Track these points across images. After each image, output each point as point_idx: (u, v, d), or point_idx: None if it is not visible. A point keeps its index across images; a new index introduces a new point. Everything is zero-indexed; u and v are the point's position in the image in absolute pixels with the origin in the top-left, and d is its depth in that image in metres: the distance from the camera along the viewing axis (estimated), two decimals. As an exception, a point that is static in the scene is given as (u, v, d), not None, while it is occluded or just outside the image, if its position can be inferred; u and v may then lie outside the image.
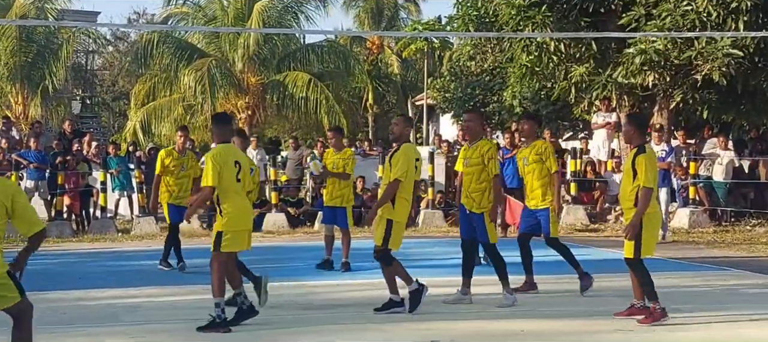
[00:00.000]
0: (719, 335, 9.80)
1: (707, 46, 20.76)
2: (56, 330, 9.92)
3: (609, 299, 11.32)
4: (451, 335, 9.81)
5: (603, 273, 13.47)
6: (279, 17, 38.27)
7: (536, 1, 22.43)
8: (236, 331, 9.87)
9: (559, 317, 10.79)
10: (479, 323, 10.49)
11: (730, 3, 20.43)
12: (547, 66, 23.80)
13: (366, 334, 9.84)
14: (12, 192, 6.92)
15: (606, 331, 9.99)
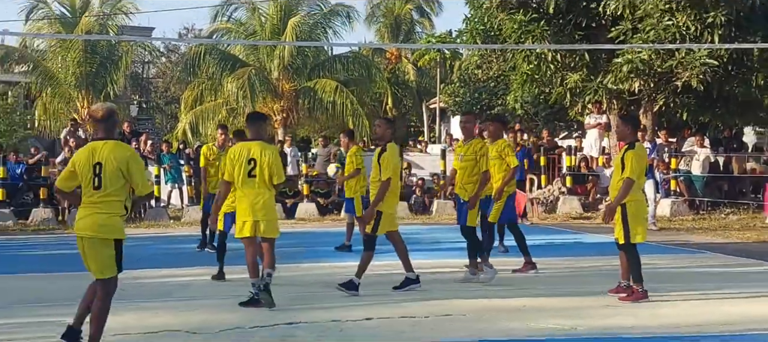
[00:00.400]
0: (697, 310, 9.76)
1: (686, 56, 20.72)
2: (117, 305, 9.90)
3: (599, 279, 11.26)
4: (461, 309, 9.80)
5: (594, 255, 13.45)
6: (310, 31, 38.35)
7: (535, 17, 22.44)
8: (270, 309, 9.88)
9: (556, 295, 10.76)
10: (484, 301, 10.45)
11: (706, 18, 20.37)
12: (545, 74, 23.81)
13: (383, 309, 9.83)
14: (127, 157, 7.30)
15: (597, 307, 9.95)
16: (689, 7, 20.45)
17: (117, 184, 7.20)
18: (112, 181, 7.17)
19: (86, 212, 7.28)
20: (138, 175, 7.33)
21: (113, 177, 7.17)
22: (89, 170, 7.21)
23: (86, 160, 7.27)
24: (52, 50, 40.38)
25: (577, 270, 13.20)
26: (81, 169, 7.25)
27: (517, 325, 9.09)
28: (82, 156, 7.36)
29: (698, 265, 14.10)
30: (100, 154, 7.23)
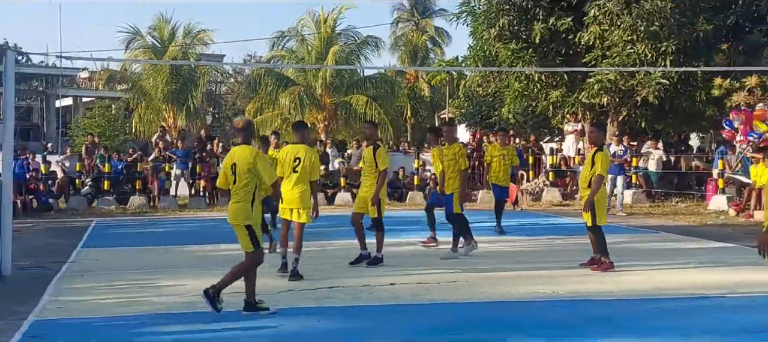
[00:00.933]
0: (654, 278, 9.75)
1: (644, 77, 20.68)
2: (198, 271, 10.00)
3: (574, 254, 11.20)
4: (465, 278, 9.80)
5: (570, 235, 13.39)
6: (346, 57, 38.45)
7: (524, 46, 22.45)
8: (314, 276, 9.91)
9: (540, 267, 10.73)
10: (482, 272, 10.44)
11: (660, 47, 20.33)
12: (532, 91, 23.82)
13: (403, 278, 9.83)
14: (254, 155, 7.60)
15: (573, 276, 9.93)
16: (646, 38, 20.36)
17: (246, 179, 7.48)
18: (241, 177, 7.48)
19: (230, 202, 7.72)
20: (263, 171, 7.56)
21: (242, 173, 7.47)
22: (229, 169, 7.61)
23: (227, 162, 7.73)
24: (145, 73, 40.78)
25: (556, 246, 13.15)
26: (225, 169, 7.71)
27: (510, 289, 9.11)
28: (226, 159, 7.89)
29: (654, 242, 14.03)
30: (235, 156, 7.63)
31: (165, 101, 40.11)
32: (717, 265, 11.03)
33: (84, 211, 21.00)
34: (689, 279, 9.80)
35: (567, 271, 10.31)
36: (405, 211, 20.62)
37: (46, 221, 18.66)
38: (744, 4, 21.06)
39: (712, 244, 13.51)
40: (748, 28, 21.35)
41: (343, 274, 10.03)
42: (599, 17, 20.88)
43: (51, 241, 14.41)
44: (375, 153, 10.85)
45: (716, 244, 13.53)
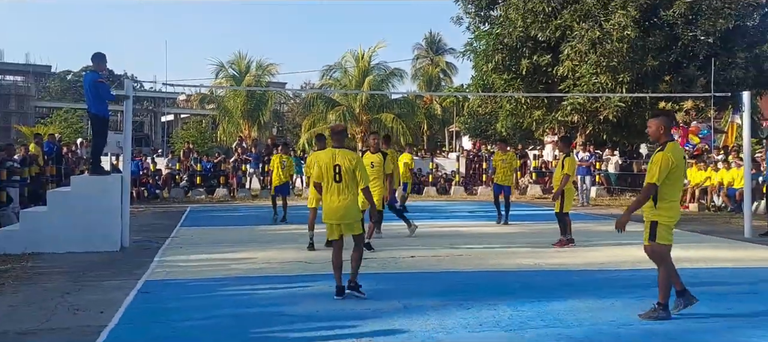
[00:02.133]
0: (615, 254, 9.64)
1: (606, 101, 20.50)
2: (261, 247, 10.00)
3: (550, 236, 11.13)
4: (468, 253, 9.77)
5: (549, 221, 13.30)
6: (378, 84, 38.48)
7: (514, 77, 22.44)
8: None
9: (523, 246, 10.70)
10: (479, 249, 10.40)
11: (618, 78, 20.15)
12: (520, 110, 23.71)
13: (421, 252, 9.83)
14: (356, 159, 6.68)
15: (550, 252, 9.89)
16: (607, 71, 20.17)
17: (349, 178, 6.59)
18: (346, 176, 6.57)
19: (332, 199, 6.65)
20: (362, 172, 6.69)
21: (347, 174, 6.56)
22: (331, 169, 6.60)
23: (328, 161, 6.64)
24: (227, 96, 41.17)
25: (537, 230, 13.03)
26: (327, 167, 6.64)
27: (502, 261, 9.08)
28: (325, 159, 6.67)
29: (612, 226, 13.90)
30: (337, 157, 6.61)
31: (242, 117, 40.52)
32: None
33: (181, 200, 21.22)
34: (638, 255, 9.68)
35: (545, 248, 10.26)
36: (422, 202, 20.62)
37: (153, 207, 18.89)
38: (682, 46, 20.81)
39: (657, 229, 13.39)
40: (685, 64, 21.08)
41: (376, 250, 10.02)
42: (571, 55, 20.71)
43: (157, 222, 14.59)
44: (385, 157, 10.52)
45: (660, 229, 13.40)
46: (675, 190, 5.93)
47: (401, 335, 5.37)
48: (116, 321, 5.85)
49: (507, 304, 6.44)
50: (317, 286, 7.34)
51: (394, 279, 7.87)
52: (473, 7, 24.28)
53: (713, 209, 17.51)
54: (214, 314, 6.08)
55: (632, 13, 19.83)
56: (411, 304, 6.47)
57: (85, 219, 9.91)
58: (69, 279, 7.80)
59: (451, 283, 7.59)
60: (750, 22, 21.22)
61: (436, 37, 53.15)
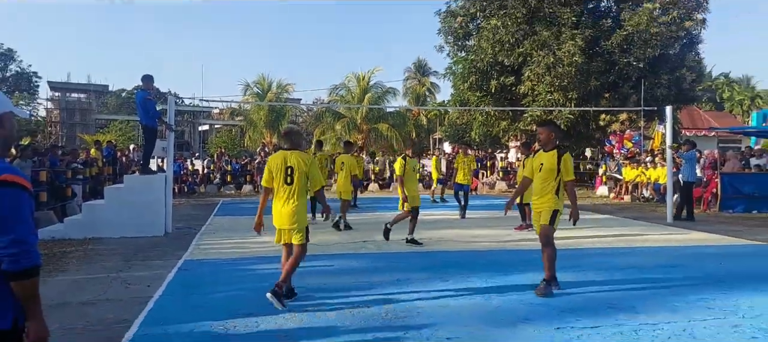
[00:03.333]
0: (563, 236, 9.60)
1: (558, 113, 20.49)
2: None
3: (513, 221, 11.12)
4: (449, 236, 9.74)
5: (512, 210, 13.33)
6: (376, 100, 38.37)
7: (485, 94, 22.40)
8: (354, 235, 9.83)
9: (490, 230, 10.67)
10: (455, 231, 10.34)
11: (568, 95, 20.15)
12: (490, 121, 23.69)
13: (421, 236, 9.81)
14: (309, 161, 5.26)
15: (512, 235, 9.88)
16: (559, 90, 20.19)
17: (301, 182, 5.23)
18: (298, 178, 5.22)
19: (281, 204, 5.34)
20: (316, 174, 5.31)
21: (299, 176, 5.21)
22: (282, 171, 5.24)
23: (280, 164, 5.27)
24: (253, 109, 40.96)
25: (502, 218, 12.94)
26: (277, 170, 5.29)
27: (474, 243, 9.03)
28: (277, 160, 5.30)
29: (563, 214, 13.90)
30: (290, 159, 5.27)
31: (265, 127, 40.39)
32: (601, 227, 10.92)
33: (215, 194, 21.13)
34: (584, 236, 9.72)
35: (508, 231, 10.26)
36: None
37: (192, 200, 18.80)
38: (618, 70, 20.86)
39: (598, 216, 13.38)
40: (621, 84, 21.13)
41: (372, 235, 10.02)
42: (531, 76, 20.72)
43: (195, 212, 14.53)
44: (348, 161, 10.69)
45: (601, 216, 13.41)
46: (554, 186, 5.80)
47: (393, 302, 5.35)
48: (160, 293, 5.81)
49: (478, 277, 6.43)
50: (324, 264, 7.31)
51: (388, 258, 7.84)
52: (452, 38, 24.31)
53: (643, 200, 17.57)
54: (240, 287, 6.05)
55: (579, 43, 19.89)
56: (401, 277, 6.45)
57: (136, 210, 9.88)
58: (122, 259, 7.75)
59: (434, 261, 7.56)
60: (672, 51, 21.34)
61: (423, 62, 53.08)
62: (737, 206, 14.00)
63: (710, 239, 9.60)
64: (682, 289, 5.87)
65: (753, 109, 40.90)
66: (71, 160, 14.14)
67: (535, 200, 5.96)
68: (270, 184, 5.30)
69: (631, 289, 5.87)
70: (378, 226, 10.85)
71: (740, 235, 9.99)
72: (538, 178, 5.89)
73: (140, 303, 5.40)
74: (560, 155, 5.78)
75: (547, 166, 5.84)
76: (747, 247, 8.77)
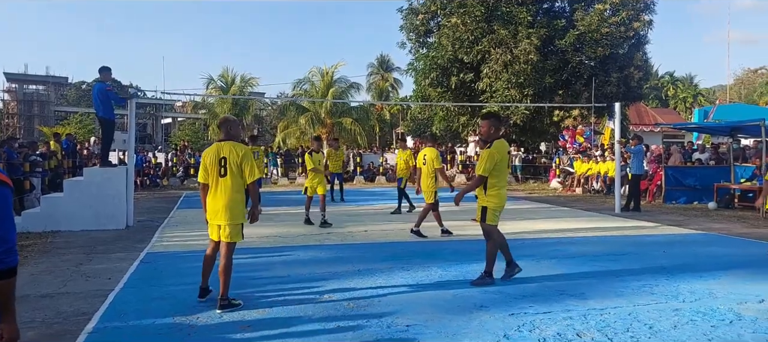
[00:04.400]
0: (518, 227, 9.79)
1: (515, 109, 20.85)
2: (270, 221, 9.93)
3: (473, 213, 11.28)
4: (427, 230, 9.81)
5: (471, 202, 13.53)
6: (340, 94, 38.15)
7: (445, 90, 22.61)
8: (318, 228, 9.77)
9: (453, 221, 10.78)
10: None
11: (524, 92, 20.54)
12: (450, 116, 23.92)
13: (371, 227, 9.79)
14: (243, 152, 4.75)
15: (472, 226, 9.99)
16: (516, 87, 20.57)
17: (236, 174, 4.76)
18: (232, 170, 4.74)
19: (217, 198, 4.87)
20: (250, 166, 4.78)
21: (233, 167, 4.74)
22: (216, 163, 4.77)
23: (214, 156, 4.80)
24: (216, 103, 40.14)
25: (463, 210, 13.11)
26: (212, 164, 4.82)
27: (435, 233, 9.05)
28: (210, 153, 4.85)
29: (519, 206, 14.15)
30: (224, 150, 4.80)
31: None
32: (554, 218, 11.18)
33: (178, 187, 20.64)
34: (538, 227, 9.93)
35: (468, 222, 10.38)
36: (373, 188, 20.62)
37: (154, 193, 18.33)
38: (572, 68, 21.38)
39: (551, 207, 13.70)
40: (574, 82, 21.67)
41: (336, 226, 9.98)
42: (489, 74, 21.03)
43: (157, 205, 14.17)
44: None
45: (553, 207, 13.72)
46: (500, 180, 5.52)
47: (355, 291, 5.36)
48: (121, 285, 5.66)
49: (438, 266, 6.50)
50: (289, 255, 7.25)
51: (352, 248, 7.84)
52: (414, 35, 24.39)
53: (593, 192, 18.08)
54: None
55: (535, 42, 20.28)
56: (364, 267, 6.46)
57: (96, 203, 9.60)
58: (82, 252, 7.50)
59: (396, 251, 7.60)
60: (621, 51, 21.96)
61: (386, 58, 53.07)
62: (680, 198, 14.56)
63: (655, 229, 9.97)
64: (628, 276, 6.08)
65: (695, 106, 42.59)
66: (29, 153, 13.56)
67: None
68: (206, 179, 4.82)
69: (581, 277, 6.04)
70: (339, 217, 10.81)
71: (682, 225, 10.41)
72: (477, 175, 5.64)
73: (100, 296, 5.24)
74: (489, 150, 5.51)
75: (479, 162, 5.66)
76: (688, 236, 9.14)
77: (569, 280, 5.86)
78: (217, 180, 4.78)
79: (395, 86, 52.61)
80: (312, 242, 8.29)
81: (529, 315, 4.64)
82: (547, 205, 14.25)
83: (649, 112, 36.48)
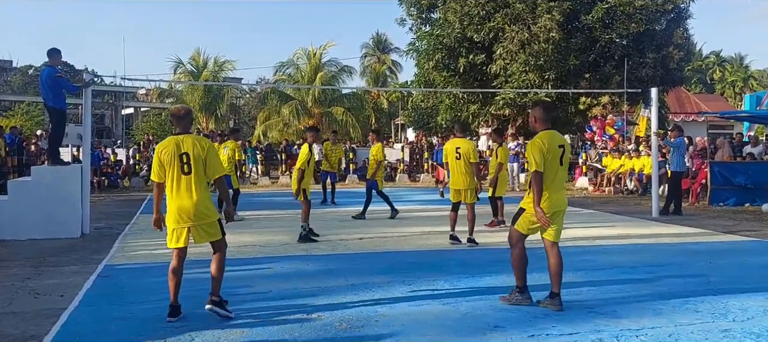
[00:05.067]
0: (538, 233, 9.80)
1: (533, 95, 20.83)
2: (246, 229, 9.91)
3: (485, 217, 11.27)
4: (412, 231, 9.79)
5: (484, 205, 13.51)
6: (329, 80, 38.16)
7: (452, 74, 22.63)
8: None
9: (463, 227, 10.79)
10: (418, 229, 10.42)
11: (544, 76, 20.57)
12: (458, 105, 23.93)
13: (367, 234, 9.79)
14: (207, 147, 4.99)
15: (484, 232, 10.00)
16: (535, 70, 20.58)
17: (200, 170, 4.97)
18: (196, 166, 4.95)
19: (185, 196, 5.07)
20: (214, 162, 5.06)
21: (197, 163, 4.95)
22: (176, 159, 4.95)
23: (172, 151, 4.97)
24: (186, 90, 40.22)
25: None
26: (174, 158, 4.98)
27: (440, 241, 9.06)
28: (167, 148, 5.01)
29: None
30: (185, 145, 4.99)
31: (200, 111, 39.67)
32: (580, 224, 11.20)
33: (141, 189, 20.63)
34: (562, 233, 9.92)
35: (478, 229, 10.36)
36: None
37: (114, 195, 18.32)
38: (600, 47, 21.38)
39: (578, 210, 13.69)
40: (603, 64, 21.67)
41: (325, 232, 9.95)
42: (503, 55, 21.02)
43: (118, 210, 14.16)
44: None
45: (580, 210, 13.73)
46: (546, 180, 5.26)
47: (349, 310, 5.36)
48: (76, 304, 5.64)
49: (445, 280, 6.50)
50: (271, 268, 7.25)
51: (343, 259, 7.84)
52: (415, 10, 24.35)
53: (626, 193, 18.11)
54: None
55: (557, 17, 20.27)
56: (358, 281, 6.45)
57: (46, 207, 9.58)
58: (30, 265, 7.49)
59: (395, 262, 7.60)
60: (658, 27, 21.95)
61: (383, 37, 53.13)
62: (729, 199, 14.55)
63: (699, 235, 9.98)
64: (668, 291, 6.08)
65: (746, 91, 42.42)
66: (-34, 149, 13.53)
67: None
68: (162, 177, 4.98)
69: (613, 292, 6.04)
70: (331, 224, 10.80)
71: (732, 231, 10.43)
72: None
73: (51, 316, 5.23)
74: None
75: (528, 158, 5.53)
76: (739, 244, 9.16)
77: (599, 296, 5.87)
78: (179, 178, 4.92)
79: (394, 70, 52.66)
80: (298, 252, 8.29)
81: (553, 337, 4.64)
82: (572, 208, 14.21)
83: (692, 98, 36.54)
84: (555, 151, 5.29)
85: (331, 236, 9.56)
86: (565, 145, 5.41)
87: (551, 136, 5.36)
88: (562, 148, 5.35)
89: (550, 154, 5.26)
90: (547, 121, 5.44)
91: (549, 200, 5.28)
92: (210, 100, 39.61)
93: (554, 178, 5.32)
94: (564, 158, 5.36)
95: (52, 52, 9.97)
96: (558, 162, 5.31)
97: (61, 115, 10.21)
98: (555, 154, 5.28)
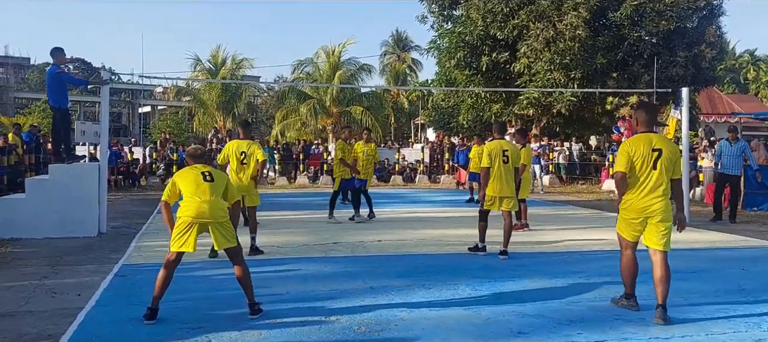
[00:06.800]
0: (563, 237, 9.77)
1: (558, 96, 20.73)
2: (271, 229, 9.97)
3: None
4: (432, 234, 9.77)
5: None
6: (348, 78, 38.33)
7: (474, 72, 22.53)
8: (324, 235, 9.78)
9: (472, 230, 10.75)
10: (438, 232, 10.39)
11: (570, 75, 20.41)
12: (480, 104, 23.86)
13: (386, 236, 9.79)
14: (226, 180, 5.50)
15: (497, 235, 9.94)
16: (560, 68, 20.41)
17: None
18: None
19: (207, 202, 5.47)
20: (230, 192, 5.60)
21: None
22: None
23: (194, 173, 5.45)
24: (203, 88, 40.62)
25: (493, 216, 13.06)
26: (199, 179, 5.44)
27: (461, 245, 9.07)
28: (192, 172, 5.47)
29: (564, 212, 14.09)
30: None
31: (217, 109, 40.10)
32: (607, 227, 11.06)
33: (158, 187, 20.83)
34: (588, 237, 9.86)
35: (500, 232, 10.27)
36: (388, 190, 20.65)
37: (131, 194, 18.54)
38: (628, 45, 21.15)
39: (604, 214, 13.61)
40: (631, 62, 21.44)
41: (344, 234, 10.01)
42: (527, 53, 20.89)
43: (135, 209, 14.33)
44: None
45: (607, 214, 13.62)
46: (631, 183, 5.31)
47: (367, 313, 5.36)
48: (92, 303, 5.72)
49: (466, 284, 6.48)
50: (288, 269, 7.28)
51: (362, 262, 7.85)
52: (437, 7, 24.31)
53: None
54: (187, 296, 5.99)
55: (583, 14, 20.09)
56: (377, 284, 6.46)
57: (63, 206, 9.72)
58: (47, 263, 7.61)
59: (415, 265, 7.60)
60: (689, 24, 21.68)
61: (403, 35, 53.22)
62: (763, 203, 14.33)
63: (732, 241, 9.84)
64: (699, 298, 6.00)
65: (781, 92, 41.74)
66: (-16, 147, 13.81)
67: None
68: (174, 200, 5.50)
69: (640, 298, 5.95)
70: (348, 225, 10.82)
71: (766, 237, 10.25)
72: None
73: (68, 315, 5.31)
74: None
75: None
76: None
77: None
78: (200, 184, 5.36)
79: (414, 68, 52.67)
80: (315, 254, 8.33)
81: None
82: (598, 211, 14.15)
83: (724, 98, 35.99)
84: (646, 155, 5.23)
85: (349, 238, 9.58)
86: (663, 148, 5.26)
87: (644, 139, 5.29)
88: (658, 152, 5.24)
89: (638, 158, 5.22)
90: (647, 124, 5.36)
91: (632, 204, 5.28)
92: (227, 98, 39.99)
93: (643, 182, 5.25)
94: (660, 162, 5.23)
95: (55, 51, 10.16)
96: (648, 165, 5.24)
97: (63, 114, 10.40)
98: (646, 157, 5.23)
